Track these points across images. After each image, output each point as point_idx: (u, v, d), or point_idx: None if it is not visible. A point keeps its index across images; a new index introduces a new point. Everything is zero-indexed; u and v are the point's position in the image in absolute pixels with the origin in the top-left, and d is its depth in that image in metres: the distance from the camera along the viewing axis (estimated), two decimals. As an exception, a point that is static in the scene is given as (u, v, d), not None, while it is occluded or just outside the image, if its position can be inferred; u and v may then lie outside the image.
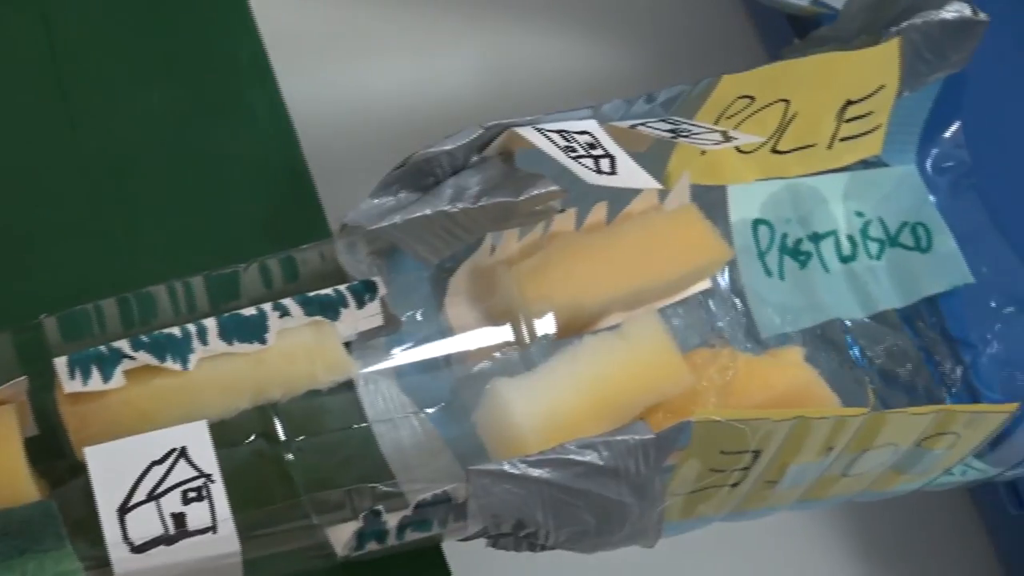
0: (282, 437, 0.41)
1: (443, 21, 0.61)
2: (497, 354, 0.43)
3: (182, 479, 0.38)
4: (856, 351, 0.48)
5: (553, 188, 0.40)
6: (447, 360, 0.44)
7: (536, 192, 0.40)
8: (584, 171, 0.39)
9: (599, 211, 0.44)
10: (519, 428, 0.40)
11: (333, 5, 0.60)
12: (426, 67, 0.60)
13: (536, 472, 0.38)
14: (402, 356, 0.43)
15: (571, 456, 0.38)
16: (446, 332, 0.44)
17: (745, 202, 0.48)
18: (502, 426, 0.41)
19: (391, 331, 0.42)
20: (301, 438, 0.41)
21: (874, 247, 0.49)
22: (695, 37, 0.62)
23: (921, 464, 0.43)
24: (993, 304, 0.49)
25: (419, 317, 0.43)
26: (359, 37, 0.60)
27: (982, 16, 0.47)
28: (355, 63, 0.60)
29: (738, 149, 0.46)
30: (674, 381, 0.42)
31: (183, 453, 0.38)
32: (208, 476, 0.38)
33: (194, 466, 0.38)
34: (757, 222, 0.48)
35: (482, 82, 0.60)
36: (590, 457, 0.38)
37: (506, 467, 0.38)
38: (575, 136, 0.40)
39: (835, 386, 0.44)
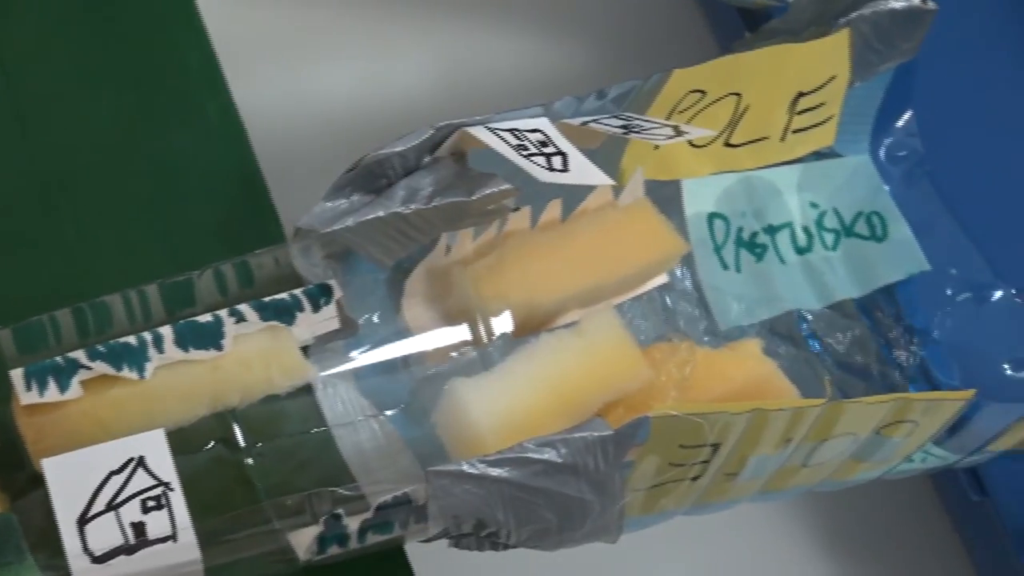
0: (241, 443, 0.41)
1: (395, 23, 0.61)
2: (455, 354, 0.43)
3: (141, 488, 0.38)
4: (814, 342, 0.48)
5: (506, 187, 0.40)
6: (405, 362, 0.43)
7: (489, 191, 0.40)
8: (536, 169, 0.39)
9: (553, 209, 0.44)
10: (477, 428, 0.40)
11: (283, 9, 0.60)
12: (379, 69, 0.60)
13: (495, 472, 0.38)
14: (360, 359, 0.43)
15: (530, 455, 0.38)
16: (403, 334, 0.44)
17: (700, 196, 0.48)
18: (461, 426, 0.41)
19: (348, 334, 0.42)
20: (261, 443, 0.41)
21: (829, 238, 0.49)
22: (648, 33, 0.62)
23: (880, 452, 0.44)
24: (949, 291, 0.49)
25: (376, 319, 0.43)
26: (311, 40, 0.60)
27: (930, 5, 0.47)
28: (307, 66, 0.59)
29: (691, 143, 0.46)
30: (633, 377, 0.42)
31: (141, 462, 0.38)
32: (167, 484, 0.38)
33: (152, 475, 0.38)
34: (712, 216, 0.48)
35: (435, 83, 0.60)
36: (549, 455, 0.38)
37: (465, 467, 0.38)
38: (527, 134, 0.40)
39: (794, 377, 0.44)
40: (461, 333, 0.43)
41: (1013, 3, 0.56)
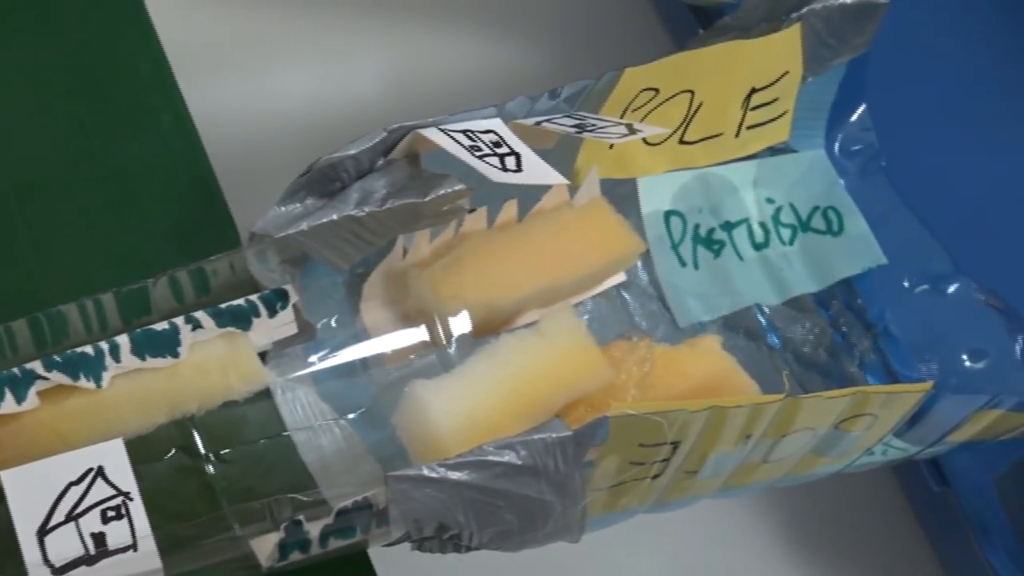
0: (201, 450, 0.41)
1: (349, 26, 0.61)
2: (414, 357, 0.43)
3: (100, 498, 0.38)
4: (773, 337, 0.48)
5: (459, 187, 0.40)
6: (365, 365, 0.43)
7: (443, 192, 0.40)
8: (489, 169, 0.39)
9: (510, 209, 0.44)
10: (438, 430, 0.40)
11: (236, 15, 0.60)
12: (334, 72, 0.60)
13: (455, 475, 0.38)
14: (319, 363, 0.43)
15: (489, 457, 0.38)
16: (362, 337, 0.43)
17: (656, 194, 0.48)
18: (421, 428, 0.41)
19: (306, 339, 0.42)
20: (221, 450, 0.41)
21: (786, 233, 0.49)
22: (603, 32, 0.62)
23: (840, 446, 0.44)
24: (907, 283, 0.49)
25: (334, 323, 0.43)
26: (264, 45, 0.60)
27: (882, -1, 0.47)
28: (261, 71, 0.59)
29: (646, 141, 0.46)
30: (593, 375, 0.42)
31: (100, 472, 0.38)
32: (126, 494, 0.38)
33: (112, 485, 0.38)
34: (669, 213, 0.48)
35: (391, 85, 0.60)
36: (508, 457, 0.38)
37: (425, 471, 0.38)
38: (480, 135, 0.40)
39: (754, 373, 0.44)
40: (420, 335, 0.43)
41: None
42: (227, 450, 0.41)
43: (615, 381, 0.43)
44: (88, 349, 0.39)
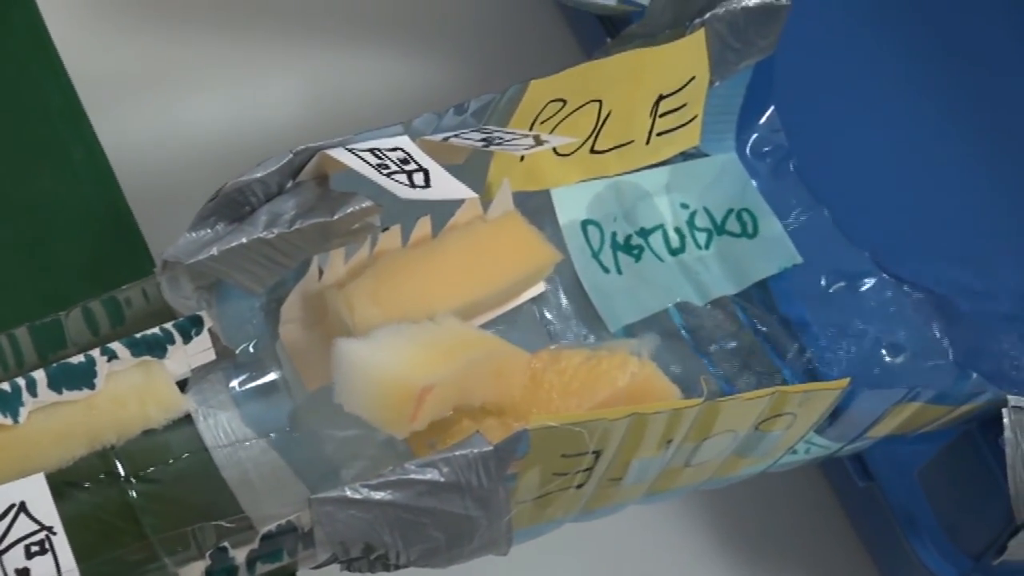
0: (124, 479, 0.40)
1: (258, 51, 0.61)
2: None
3: (24, 534, 0.37)
4: (693, 340, 0.48)
5: (367, 204, 0.40)
6: (286, 387, 0.43)
7: (351, 209, 0.40)
8: (397, 187, 0.39)
9: (423, 226, 0.44)
10: (378, 365, 0.40)
11: (145, 43, 0.60)
12: (245, 97, 0.60)
13: (379, 495, 0.38)
14: (239, 387, 0.43)
15: (412, 476, 0.38)
16: (282, 359, 0.43)
17: (571, 204, 0.48)
18: (363, 376, 0.40)
19: (226, 363, 0.42)
20: (144, 479, 0.41)
21: (702, 237, 0.49)
22: (514, 45, 0.62)
23: (762, 446, 0.44)
24: (823, 282, 0.49)
25: (253, 348, 0.43)
26: (174, 73, 0.60)
27: (784, 0, 0.47)
28: (172, 99, 0.59)
29: (557, 152, 0.46)
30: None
31: (23, 508, 0.38)
32: (50, 529, 0.38)
33: (35, 520, 0.38)
34: (585, 223, 0.48)
35: (303, 107, 0.60)
36: (431, 475, 0.38)
37: (348, 492, 0.38)
38: (387, 153, 0.40)
39: (676, 377, 0.45)
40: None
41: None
42: (149, 476, 0.41)
43: (538, 391, 0.43)
44: (4, 385, 0.39)
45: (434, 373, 0.40)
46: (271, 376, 0.43)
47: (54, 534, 0.38)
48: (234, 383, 0.43)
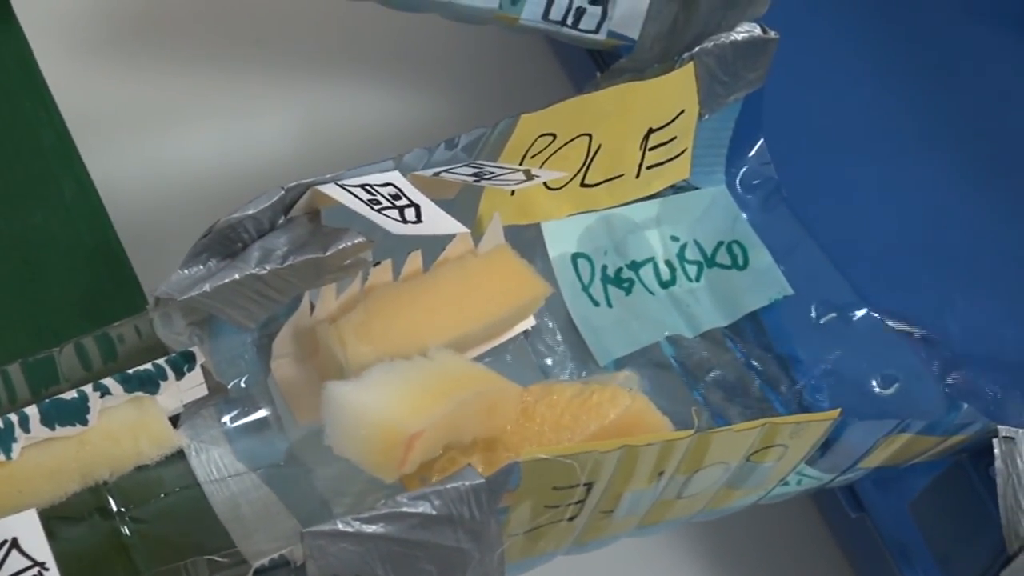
0: (117, 515, 0.41)
1: (249, 86, 0.61)
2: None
3: (16, 570, 0.37)
4: (684, 373, 0.48)
5: (359, 240, 0.40)
6: (278, 422, 0.43)
7: (343, 245, 0.40)
8: (389, 222, 0.39)
9: (415, 260, 0.44)
10: (369, 411, 0.40)
11: (135, 79, 0.60)
12: (236, 133, 0.60)
13: (371, 528, 0.38)
14: (231, 422, 0.43)
15: (404, 508, 0.38)
16: (274, 395, 0.44)
17: (561, 238, 0.48)
18: (353, 421, 0.40)
19: (218, 399, 0.42)
20: (137, 514, 0.41)
21: (692, 269, 0.49)
22: (505, 80, 0.63)
23: (753, 478, 0.44)
24: (814, 314, 0.50)
25: (245, 383, 0.43)
26: (164, 108, 0.60)
27: (772, 34, 0.48)
28: (162, 135, 0.59)
29: (547, 186, 0.47)
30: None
31: (15, 544, 0.38)
32: (42, 564, 0.38)
33: (27, 556, 0.38)
34: (576, 256, 0.48)
35: (297, 142, 0.60)
36: (423, 508, 0.38)
37: (340, 526, 0.38)
38: (378, 188, 0.40)
39: (667, 410, 0.45)
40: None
41: (857, 28, 0.57)
42: (142, 512, 0.41)
43: (529, 424, 0.43)
44: (-2, 422, 0.39)
45: (424, 418, 0.40)
46: (263, 411, 0.43)
47: (46, 570, 0.38)
48: (226, 418, 0.43)
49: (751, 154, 0.51)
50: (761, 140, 0.50)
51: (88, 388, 0.40)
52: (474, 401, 0.41)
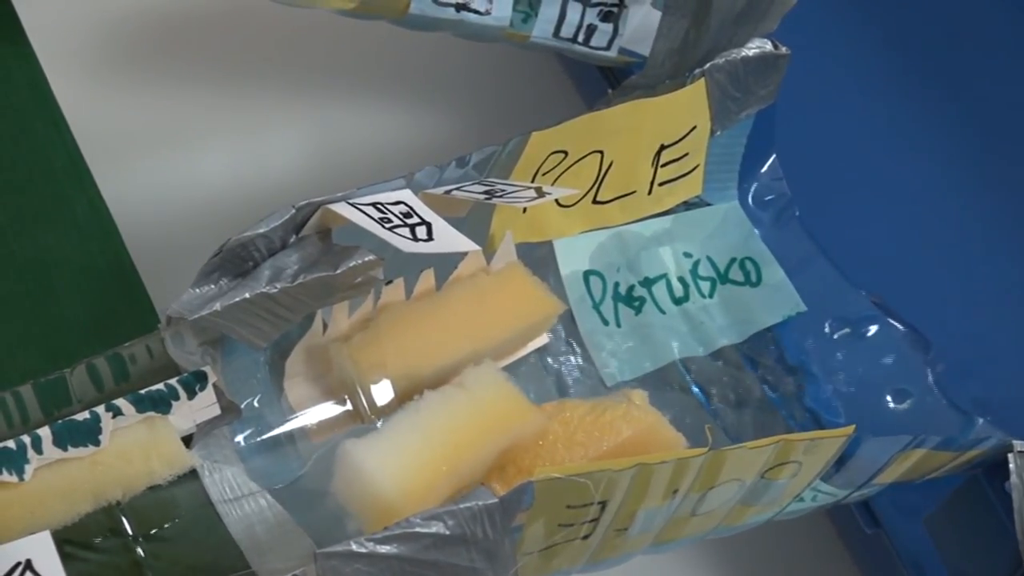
0: (130, 536, 0.40)
1: (260, 106, 0.61)
2: (339, 432, 0.43)
3: (30, 591, 0.37)
4: (698, 389, 0.48)
5: (370, 258, 0.40)
6: (291, 441, 0.43)
7: (354, 263, 0.40)
8: (400, 241, 0.39)
9: (427, 279, 0.44)
10: (377, 485, 0.40)
11: (147, 100, 0.60)
12: (247, 152, 0.60)
13: (384, 549, 0.38)
14: (244, 442, 0.43)
15: (417, 529, 0.38)
16: (287, 414, 0.43)
17: (573, 255, 0.48)
18: (360, 487, 0.40)
19: (231, 419, 0.42)
20: (150, 535, 0.41)
21: (705, 286, 0.49)
22: (516, 98, 0.62)
23: (768, 495, 0.44)
24: (827, 329, 0.49)
25: (258, 402, 0.43)
26: (176, 129, 0.60)
27: (783, 50, 0.47)
28: (174, 155, 0.59)
29: (559, 203, 0.47)
30: (522, 421, 0.42)
31: (29, 566, 0.38)
32: (56, 586, 0.38)
33: (41, 577, 0.38)
34: (588, 273, 0.48)
35: (308, 160, 0.60)
36: (436, 528, 0.38)
37: (353, 547, 0.38)
38: (389, 207, 0.40)
39: (682, 427, 0.45)
40: (344, 409, 0.43)
41: (870, 44, 0.57)
42: (155, 532, 0.41)
43: (543, 441, 0.43)
44: (10, 443, 0.39)
45: (431, 501, 0.40)
46: (276, 430, 0.43)
47: (60, 592, 0.38)
48: (239, 438, 0.43)
49: (763, 170, 0.50)
50: (773, 156, 0.50)
51: (100, 409, 0.40)
52: (495, 455, 0.42)
